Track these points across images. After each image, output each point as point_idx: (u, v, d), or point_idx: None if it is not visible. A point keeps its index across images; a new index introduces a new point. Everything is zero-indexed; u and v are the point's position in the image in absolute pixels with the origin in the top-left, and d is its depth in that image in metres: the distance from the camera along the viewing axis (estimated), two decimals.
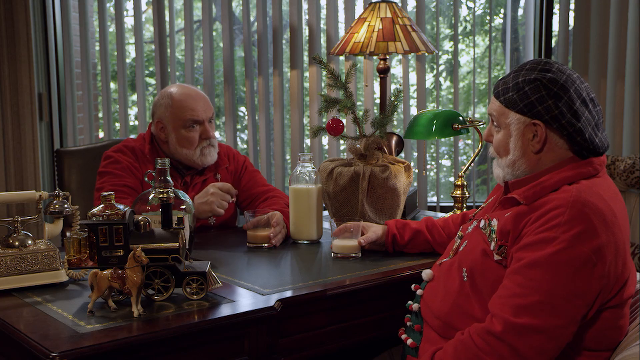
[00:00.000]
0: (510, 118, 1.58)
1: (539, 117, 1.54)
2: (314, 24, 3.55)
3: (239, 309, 1.62)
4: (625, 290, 1.52)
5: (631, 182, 2.98)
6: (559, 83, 1.53)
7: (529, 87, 1.54)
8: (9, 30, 3.35)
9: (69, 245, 1.69)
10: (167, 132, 2.42)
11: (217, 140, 2.51)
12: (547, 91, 1.53)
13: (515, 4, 4.07)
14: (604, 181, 1.57)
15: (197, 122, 2.39)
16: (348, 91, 2.23)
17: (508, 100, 1.58)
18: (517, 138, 1.58)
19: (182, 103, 2.39)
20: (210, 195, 2.20)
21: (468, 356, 1.47)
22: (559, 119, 1.53)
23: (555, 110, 1.52)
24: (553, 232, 1.45)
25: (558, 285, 1.42)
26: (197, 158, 2.41)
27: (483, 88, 5.20)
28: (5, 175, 3.43)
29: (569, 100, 1.53)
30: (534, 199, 1.54)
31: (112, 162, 2.40)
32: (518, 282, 1.46)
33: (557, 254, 1.43)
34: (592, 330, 1.51)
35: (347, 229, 2.06)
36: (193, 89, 2.46)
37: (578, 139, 1.54)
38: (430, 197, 4.14)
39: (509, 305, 1.45)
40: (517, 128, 1.57)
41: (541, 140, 1.56)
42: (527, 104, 1.54)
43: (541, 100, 1.53)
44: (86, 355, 1.37)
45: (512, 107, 1.57)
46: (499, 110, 1.61)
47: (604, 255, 1.44)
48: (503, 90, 1.60)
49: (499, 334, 1.44)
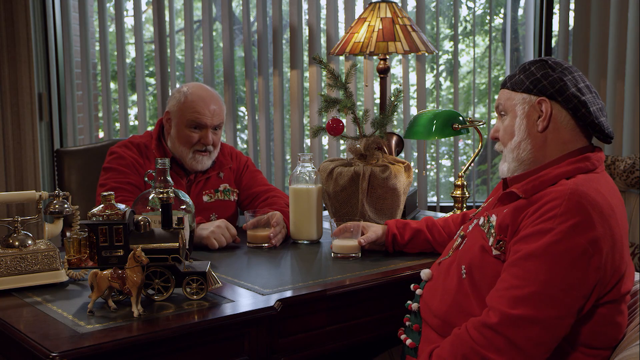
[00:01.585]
0: (516, 99, 1.62)
1: (544, 91, 1.58)
2: (314, 24, 3.55)
3: (239, 309, 1.61)
4: (623, 284, 1.52)
5: (631, 182, 2.98)
6: (564, 65, 1.62)
7: (534, 67, 1.62)
8: (9, 30, 3.35)
9: (69, 245, 1.69)
10: (171, 124, 2.43)
11: (221, 143, 2.51)
12: (552, 69, 1.60)
13: (515, 4, 4.07)
14: (602, 177, 1.58)
15: (199, 125, 2.39)
16: (348, 91, 2.23)
17: (515, 83, 1.63)
18: (522, 118, 1.61)
19: (191, 103, 2.39)
20: (215, 227, 2.18)
21: (465, 350, 1.47)
22: (563, 90, 1.57)
23: (559, 82, 1.58)
24: (549, 224, 1.45)
25: (554, 276, 1.43)
26: (189, 159, 2.41)
27: (483, 88, 5.20)
28: (5, 175, 3.43)
29: (573, 79, 1.59)
30: (532, 192, 1.55)
31: (117, 157, 2.41)
32: (514, 274, 1.47)
33: (553, 245, 1.44)
34: (590, 326, 1.51)
35: (347, 229, 2.06)
36: (211, 92, 2.45)
37: (582, 110, 1.57)
38: (430, 197, 4.14)
39: (506, 298, 1.45)
40: (522, 108, 1.61)
41: (546, 117, 1.58)
42: (533, 80, 1.60)
43: (546, 75, 1.59)
44: (86, 355, 1.37)
45: (518, 88, 1.62)
46: (506, 95, 1.66)
47: (600, 247, 1.44)
48: (509, 77, 1.66)
49: (495, 325, 1.44)
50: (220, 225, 2.19)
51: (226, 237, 2.17)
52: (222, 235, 2.16)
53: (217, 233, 2.15)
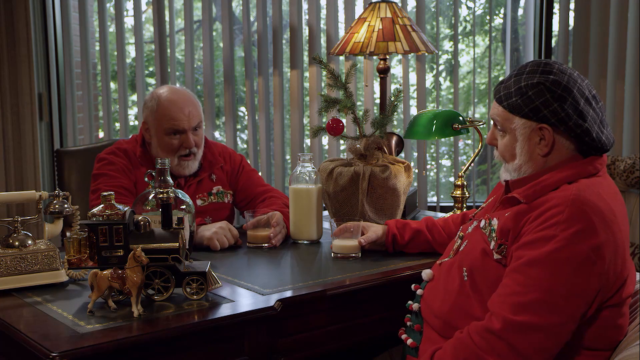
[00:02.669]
0: (515, 123, 1.58)
1: (545, 120, 1.54)
2: (314, 24, 3.55)
3: (239, 309, 1.61)
4: (625, 289, 1.52)
5: (631, 182, 2.98)
6: (562, 84, 1.53)
7: (532, 92, 1.54)
8: (9, 30, 3.35)
9: (69, 245, 1.69)
10: (150, 134, 2.41)
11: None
12: (551, 94, 1.52)
13: (515, 4, 4.07)
14: (604, 180, 1.57)
15: (178, 131, 2.37)
16: (348, 91, 2.23)
17: (512, 106, 1.57)
18: (523, 142, 1.58)
19: (165, 110, 2.36)
20: (218, 228, 2.17)
21: (467, 355, 1.47)
22: (565, 121, 1.53)
23: (561, 112, 1.52)
24: (552, 230, 1.45)
25: (557, 283, 1.43)
26: (174, 166, 2.39)
27: (483, 88, 5.20)
28: (5, 175, 3.43)
29: (574, 102, 1.53)
30: (534, 197, 1.54)
31: (107, 163, 2.39)
32: (517, 280, 1.46)
33: (556, 252, 1.43)
34: (592, 329, 1.51)
35: (347, 229, 2.06)
36: (182, 93, 2.41)
37: (586, 139, 1.54)
38: (430, 197, 4.14)
39: (508, 303, 1.45)
40: (522, 133, 1.57)
41: (549, 144, 1.56)
42: (532, 108, 1.54)
43: (546, 103, 1.53)
44: (86, 355, 1.37)
45: (516, 112, 1.57)
46: (503, 115, 1.60)
47: (603, 253, 1.44)
48: (505, 95, 1.59)
49: (497, 331, 1.44)
50: (223, 226, 2.19)
51: (228, 239, 2.18)
52: (225, 236, 2.17)
53: (219, 234, 2.16)
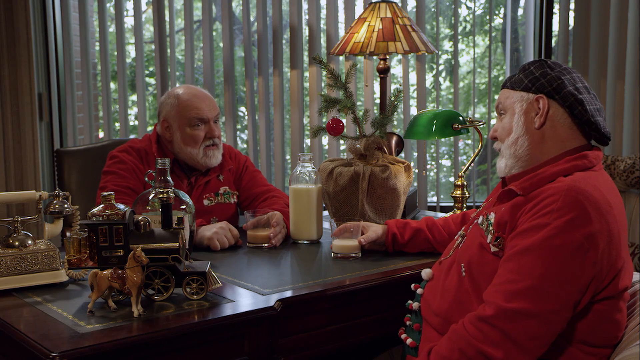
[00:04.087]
0: (514, 97, 1.65)
1: (541, 89, 1.61)
2: (314, 24, 3.55)
3: (239, 309, 1.61)
4: (620, 280, 1.52)
5: (631, 182, 2.99)
6: (563, 66, 1.65)
7: (534, 66, 1.65)
8: (9, 30, 3.35)
9: (69, 245, 1.69)
10: (172, 131, 2.43)
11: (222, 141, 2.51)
12: (551, 68, 1.63)
13: (515, 4, 4.07)
14: (600, 175, 1.59)
15: (202, 120, 2.40)
16: (348, 91, 2.23)
17: (514, 82, 1.66)
18: (519, 115, 1.64)
19: (187, 102, 2.41)
20: (218, 228, 2.18)
21: (461, 345, 1.47)
22: (560, 88, 1.59)
23: (557, 80, 1.60)
24: (545, 219, 1.46)
25: (550, 270, 1.44)
26: (200, 158, 2.41)
27: (483, 88, 5.20)
28: (5, 175, 3.43)
29: (572, 79, 1.61)
30: (530, 189, 1.56)
31: (117, 162, 2.40)
32: (510, 268, 1.48)
33: (549, 240, 1.44)
34: (588, 323, 1.51)
35: (347, 229, 2.06)
36: (199, 89, 2.48)
37: (579, 108, 1.58)
38: (430, 197, 4.15)
39: (501, 292, 1.46)
40: (520, 106, 1.64)
41: (543, 113, 1.60)
42: (532, 78, 1.62)
43: (544, 74, 1.62)
44: (86, 355, 1.37)
45: (517, 87, 1.65)
46: (505, 94, 1.69)
47: (596, 242, 1.45)
48: (509, 78, 1.69)
49: (490, 319, 1.44)
50: (223, 226, 2.19)
51: (229, 239, 2.18)
52: (225, 236, 2.17)
53: (220, 234, 2.16)
